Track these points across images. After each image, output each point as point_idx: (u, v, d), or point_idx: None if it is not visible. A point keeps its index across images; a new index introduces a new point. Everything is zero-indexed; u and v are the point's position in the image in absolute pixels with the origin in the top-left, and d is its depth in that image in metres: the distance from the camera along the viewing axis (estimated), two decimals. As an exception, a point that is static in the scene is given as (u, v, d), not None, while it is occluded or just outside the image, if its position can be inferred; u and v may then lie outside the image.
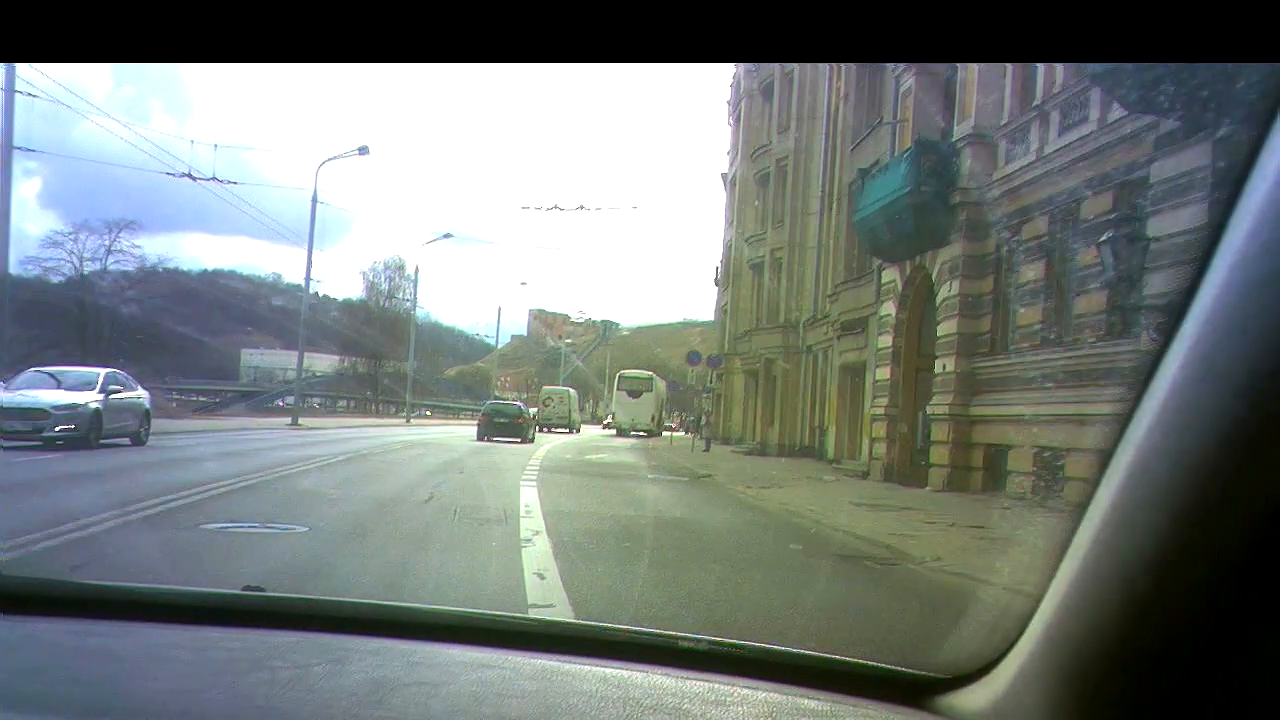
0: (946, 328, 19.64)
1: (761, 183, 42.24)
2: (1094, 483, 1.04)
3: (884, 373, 22.88)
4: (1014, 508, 15.77)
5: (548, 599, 6.40)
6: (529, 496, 13.56)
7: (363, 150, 42.88)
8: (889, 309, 22.85)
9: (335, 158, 43.28)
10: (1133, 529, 0.97)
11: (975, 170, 19.03)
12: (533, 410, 47.62)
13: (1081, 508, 1.06)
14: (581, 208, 73.74)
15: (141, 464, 16.03)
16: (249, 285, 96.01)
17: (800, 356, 36.34)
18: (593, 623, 2.64)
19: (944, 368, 19.58)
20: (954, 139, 19.89)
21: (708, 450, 36.14)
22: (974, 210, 19.00)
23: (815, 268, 35.83)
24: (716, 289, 57.70)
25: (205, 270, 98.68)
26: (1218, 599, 0.91)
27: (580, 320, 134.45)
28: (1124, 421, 0.99)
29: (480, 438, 35.04)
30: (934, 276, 20.36)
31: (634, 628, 1.88)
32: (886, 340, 22.88)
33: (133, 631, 1.71)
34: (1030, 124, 17.71)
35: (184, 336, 65.77)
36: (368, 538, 9.26)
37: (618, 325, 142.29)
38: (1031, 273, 17.35)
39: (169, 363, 64.46)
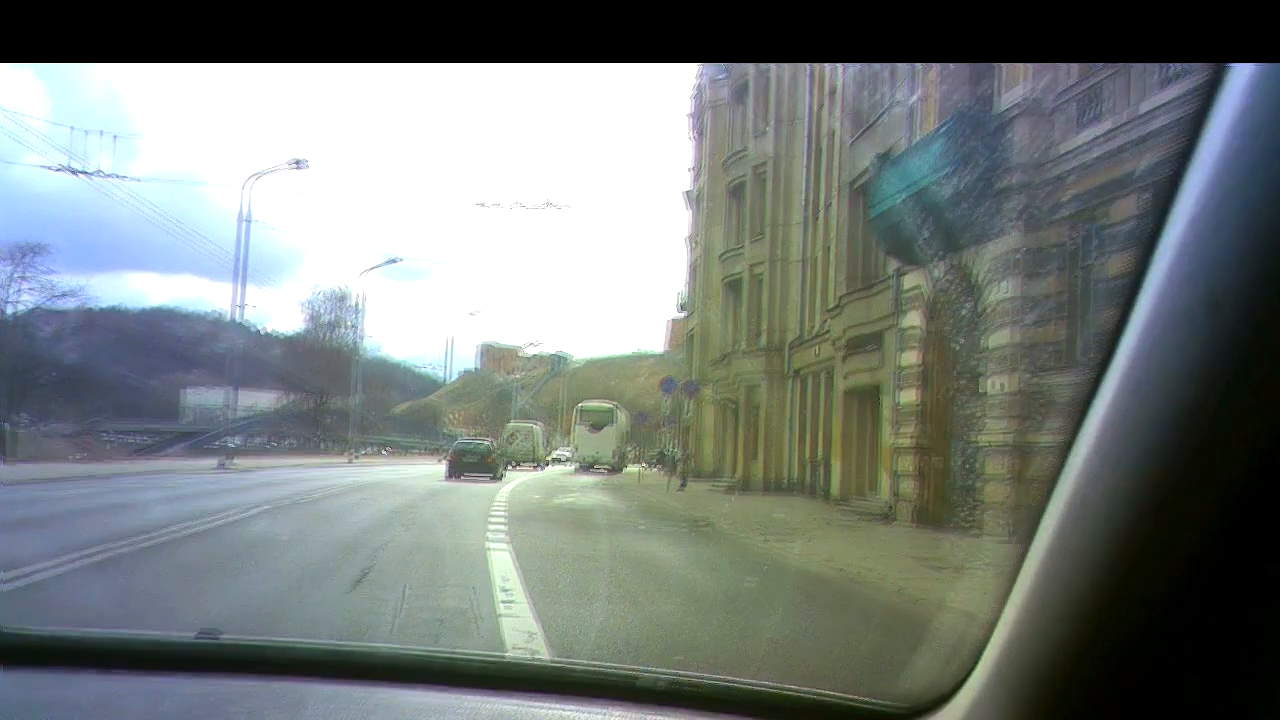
0: (1000, 338, 16.12)
1: (735, 194, 38.73)
2: (1039, 511, 1.04)
3: (910, 396, 19.32)
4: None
5: None
6: (503, 565, 9.84)
7: (299, 164, 39.18)
8: (914, 320, 19.33)
9: (266, 172, 39.04)
10: (1076, 558, 0.98)
11: (1032, 145, 15.64)
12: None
13: (1029, 536, 1.05)
14: (549, 204, 70.46)
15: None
16: (190, 323, 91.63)
17: (787, 382, 32.81)
18: (550, 662, 3.12)
19: (998, 387, 16.04)
20: (1000, 110, 16.49)
21: (683, 488, 32.51)
22: (1033, 193, 15.58)
23: (801, 283, 32.45)
24: (676, 317, 54.62)
25: (145, 309, 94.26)
26: (1158, 626, 0.93)
27: (531, 355, 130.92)
28: (1064, 450, 1.00)
29: (450, 476, 34.87)
30: (978, 277, 16.86)
31: (592, 665, 1.97)
32: (912, 357, 19.34)
33: (84, 681, 1.66)
34: (1107, 82, 14.36)
35: (122, 377, 63.31)
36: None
37: (568, 358, 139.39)
38: (1121, 263, 13.90)
39: (105, 403, 62.28)
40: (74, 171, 30.72)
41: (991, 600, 1.10)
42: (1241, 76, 0.87)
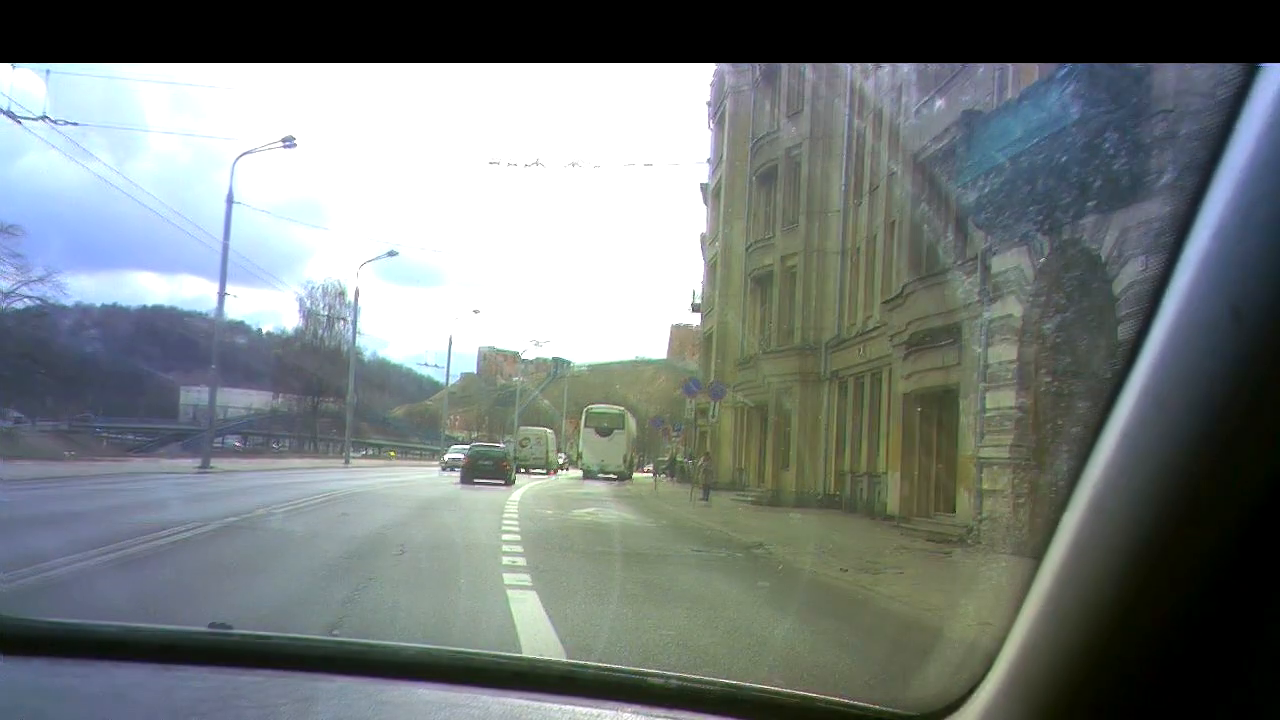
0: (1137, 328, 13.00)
1: (765, 180, 35.55)
2: (1055, 522, 1.02)
3: (1004, 398, 16.18)
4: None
5: None
6: (534, 629, 6.72)
7: (289, 142, 36.07)
8: (1010, 307, 16.19)
9: (255, 150, 35.91)
10: (1092, 567, 0.97)
11: (1188, 88, 12.55)
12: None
13: (1044, 546, 1.03)
14: (574, 165, 68.92)
15: None
16: (189, 322, 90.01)
17: (823, 385, 29.68)
18: (562, 661, 2.92)
19: (1134, 387, 12.93)
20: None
21: (706, 500, 29.38)
22: (1187, 147, 12.48)
23: (840, 276, 29.33)
24: (679, 323, 51.84)
25: (144, 307, 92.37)
26: (1174, 637, 0.91)
27: (532, 359, 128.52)
28: (1081, 461, 0.98)
29: (464, 481, 34.42)
30: (1104, 255, 13.77)
31: (603, 665, 1.83)
32: (1008, 352, 16.19)
33: (97, 671, 1.63)
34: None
35: (119, 374, 63.12)
36: None
37: (570, 363, 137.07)
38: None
39: (101, 401, 62.28)
40: (15, 119, 27.37)
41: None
42: (1269, 85, 0.85)
